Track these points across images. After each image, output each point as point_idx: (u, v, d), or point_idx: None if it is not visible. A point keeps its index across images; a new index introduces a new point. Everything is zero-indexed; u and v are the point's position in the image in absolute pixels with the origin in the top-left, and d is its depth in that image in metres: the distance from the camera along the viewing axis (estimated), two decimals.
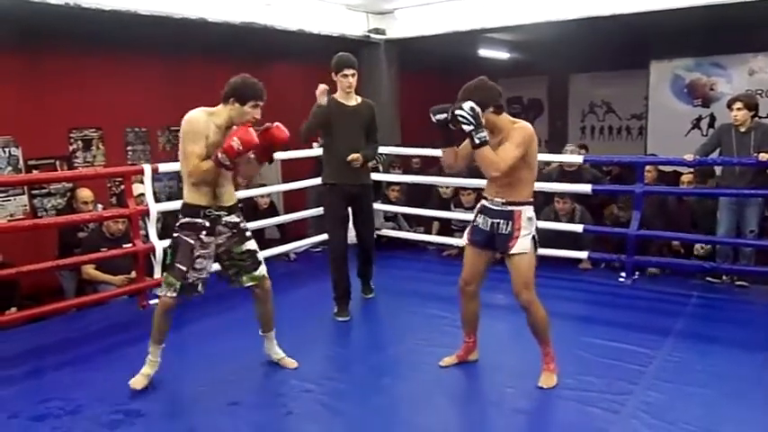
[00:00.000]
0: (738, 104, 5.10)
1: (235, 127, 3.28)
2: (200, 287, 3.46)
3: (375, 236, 5.62)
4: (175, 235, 3.42)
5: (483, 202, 3.49)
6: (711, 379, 3.52)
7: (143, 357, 3.55)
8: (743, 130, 5.09)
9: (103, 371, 3.78)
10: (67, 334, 4.41)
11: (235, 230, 3.50)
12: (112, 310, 4.90)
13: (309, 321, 4.64)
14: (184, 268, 3.36)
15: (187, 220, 3.38)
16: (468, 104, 3.16)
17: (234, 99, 3.30)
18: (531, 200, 3.41)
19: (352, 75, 4.50)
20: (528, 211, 3.36)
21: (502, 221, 3.35)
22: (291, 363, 3.77)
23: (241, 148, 3.17)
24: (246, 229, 3.57)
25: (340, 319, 4.66)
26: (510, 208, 3.34)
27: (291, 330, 4.34)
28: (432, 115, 3.29)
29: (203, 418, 3.21)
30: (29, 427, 3.15)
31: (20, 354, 4.05)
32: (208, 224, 3.38)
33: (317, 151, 5.82)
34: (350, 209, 4.72)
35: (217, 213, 3.40)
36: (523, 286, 3.35)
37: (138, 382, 3.49)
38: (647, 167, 5.98)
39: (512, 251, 3.33)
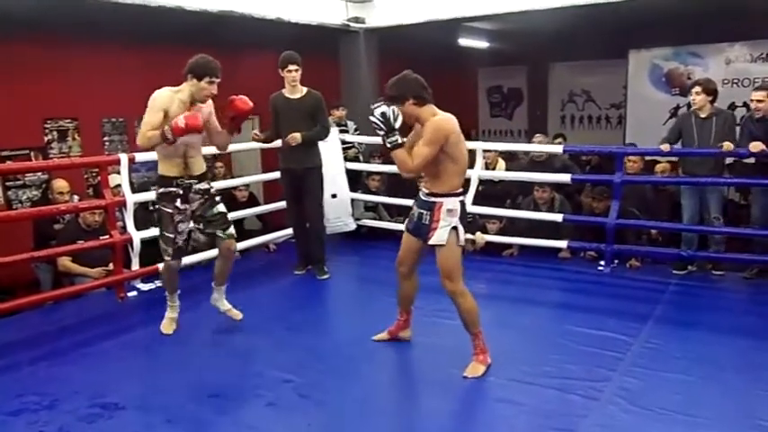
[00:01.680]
0: (697, 89, 5.15)
1: (198, 105, 3.71)
2: (185, 247, 3.99)
3: (356, 225, 6.21)
4: (156, 206, 3.87)
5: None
6: (689, 364, 3.56)
7: (121, 350, 3.52)
8: (703, 116, 5.13)
9: (80, 364, 3.73)
10: (44, 327, 4.35)
11: (206, 196, 3.90)
12: (90, 303, 4.83)
13: (288, 311, 4.63)
14: (172, 235, 3.85)
15: (162, 190, 3.82)
16: (378, 110, 3.30)
17: (192, 75, 3.69)
18: (458, 191, 3.40)
19: (296, 70, 5.05)
20: (450, 203, 3.36)
21: (424, 212, 3.42)
22: (237, 314, 4.15)
23: (184, 127, 3.53)
24: (216, 194, 3.98)
25: (296, 272, 5.45)
26: (432, 199, 3.39)
27: (270, 320, 4.34)
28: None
29: (182, 410, 3.18)
30: (4, 422, 3.09)
31: None
32: (181, 192, 3.81)
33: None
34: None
35: (188, 182, 3.82)
36: (446, 277, 3.41)
37: (166, 326, 4.10)
38: (633, 158, 6.03)
39: (430, 242, 3.40)
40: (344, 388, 3.41)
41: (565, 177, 5.84)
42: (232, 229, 4.00)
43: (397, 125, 3.30)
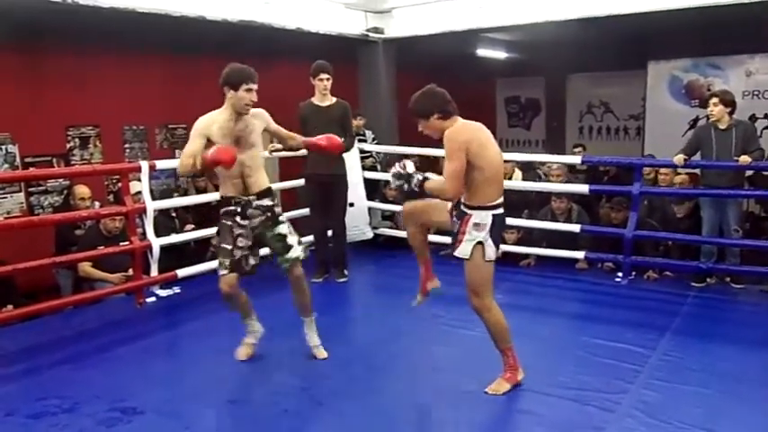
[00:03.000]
0: (714, 100, 5.10)
1: (246, 119, 3.56)
2: (244, 264, 3.66)
3: (373, 234, 6.34)
4: (219, 223, 3.70)
5: None
6: (707, 377, 3.53)
7: (140, 355, 3.55)
8: (722, 127, 5.08)
9: (100, 369, 3.78)
10: (64, 332, 4.40)
11: (268, 213, 3.68)
12: (109, 308, 4.89)
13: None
14: (229, 246, 3.60)
15: (223, 210, 3.67)
16: (392, 170, 3.34)
17: (228, 87, 3.50)
18: (490, 203, 3.26)
19: (327, 79, 5.19)
20: (477, 217, 3.25)
21: (457, 222, 3.34)
22: (321, 353, 3.86)
23: (212, 160, 3.35)
24: (280, 214, 3.74)
25: (314, 280, 5.30)
26: (465, 210, 3.30)
27: (288, 328, 4.35)
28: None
29: (199, 415, 3.21)
30: (26, 424, 3.14)
31: (16, 352, 4.05)
32: (239, 209, 3.62)
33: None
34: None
35: (247, 199, 3.63)
36: (471, 291, 3.33)
37: (242, 352, 3.84)
38: (664, 170, 6.01)
39: (455, 253, 3.33)
40: (361, 396, 3.41)
41: (583, 188, 5.82)
42: (294, 252, 3.70)
43: (411, 170, 3.30)
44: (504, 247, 5.89)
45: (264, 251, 3.90)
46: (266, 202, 3.67)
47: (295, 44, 7.12)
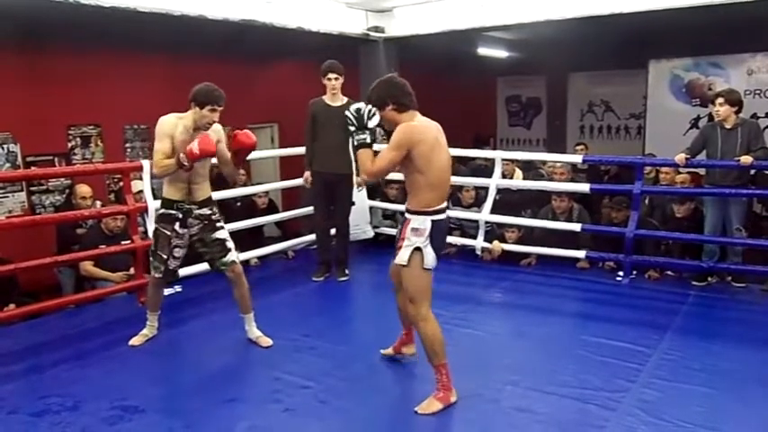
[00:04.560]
0: (720, 100, 5.09)
1: (202, 132, 3.70)
2: (178, 272, 4.09)
3: (374, 233, 6.34)
4: (155, 226, 3.95)
5: None
6: (708, 377, 3.53)
7: (141, 354, 3.56)
8: (728, 126, 5.07)
9: (102, 367, 3.79)
10: (66, 330, 4.41)
11: (206, 222, 3.91)
12: (111, 307, 4.90)
13: (306, 318, 4.66)
14: (165, 256, 3.90)
15: (163, 211, 3.90)
16: (354, 106, 3.17)
17: (194, 103, 3.72)
18: (430, 209, 3.11)
19: (335, 78, 5.18)
20: (416, 222, 3.11)
21: (398, 227, 3.26)
22: (266, 341, 4.03)
23: (198, 153, 3.58)
24: (218, 221, 3.97)
25: (315, 279, 5.48)
26: (406, 215, 3.20)
27: (288, 326, 4.36)
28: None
29: (201, 414, 3.22)
30: (28, 422, 3.15)
31: (18, 350, 4.06)
32: (180, 216, 3.85)
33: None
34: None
35: (188, 207, 3.85)
36: (408, 299, 3.21)
37: (136, 340, 4.08)
38: (666, 169, 6.00)
39: (395, 260, 3.23)
40: (362, 395, 3.43)
41: (584, 187, 5.83)
42: (231, 256, 3.93)
43: (371, 124, 3.13)
44: (505, 247, 5.92)
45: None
46: (206, 211, 3.90)
47: (296, 43, 7.14)
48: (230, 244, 3.97)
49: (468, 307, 4.81)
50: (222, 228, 3.98)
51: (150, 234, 4.96)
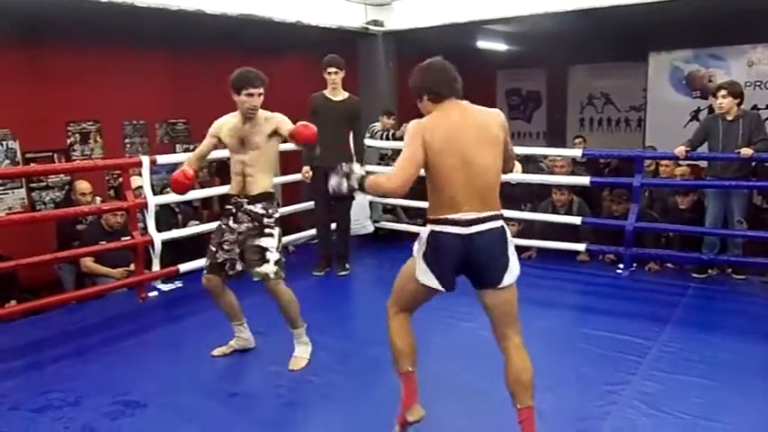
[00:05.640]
0: (723, 92, 5.08)
1: (252, 124, 3.57)
2: (228, 267, 3.62)
3: (374, 228, 6.40)
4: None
5: None
6: (709, 369, 3.54)
7: (142, 349, 3.57)
8: (730, 118, 5.06)
9: (103, 363, 3.80)
10: (67, 327, 4.41)
11: (256, 222, 3.57)
12: (111, 303, 4.90)
13: (307, 312, 4.63)
14: (213, 249, 3.65)
15: (224, 206, 3.75)
16: (332, 181, 2.78)
17: (232, 91, 3.52)
18: (433, 217, 2.62)
19: (335, 72, 5.12)
20: (424, 233, 2.66)
21: None
22: (296, 363, 3.68)
23: (171, 187, 3.76)
24: (268, 225, 3.59)
25: (315, 273, 5.50)
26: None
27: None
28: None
29: (203, 408, 3.22)
30: (30, 418, 3.16)
31: (19, 346, 4.06)
32: (234, 210, 3.61)
33: None
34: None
35: (240, 201, 3.60)
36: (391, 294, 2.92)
37: (217, 350, 3.85)
38: (665, 161, 5.99)
39: None
40: (364, 389, 3.43)
41: (584, 180, 5.83)
42: (266, 268, 3.52)
43: (357, 170, 2.75)
44: None
45: None
46: (258, 208, 3.58)
47: (295, 38, 7.13)
48: (271, 255, 3.55)
49: (468, 300, 4.78)
50: (270, 235, 3.58)
51: (151, 230, 5.01)
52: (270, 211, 3.61)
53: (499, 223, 2.68)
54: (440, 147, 2.55)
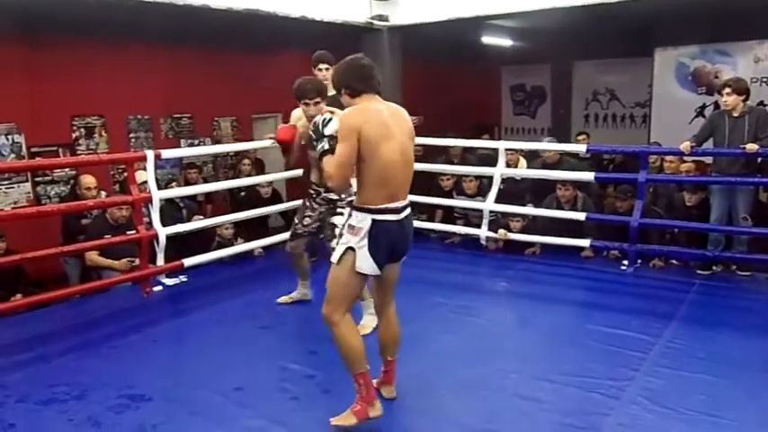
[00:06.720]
0: (727, 89, 5.07)
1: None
2: (306, 236, 4.32)
3: None
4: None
5: None
6: (713, 365, 3.54)
7: (147, 343, 3.57)
8: (736, 114, 5.06)
9: (108, 357, 3.81)
10: (72, 320, 4.44)
11: (330, 205, 4.16)
12: (116, 297, 4.92)
13: (311, 307, 4.66)
14: (296, 221, 4.33)
15: (309, 189, 4.28)
16: (315, 120, 2.94)
17: (297, 99, 4.01)
18: (375, 207, 2.74)
19: (326, 69, 5.00)
20: (355, 218, 2.77)
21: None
22: (362, 329, 3.70)
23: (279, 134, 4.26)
24: (339, 206, 4.08)
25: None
26: (349, 209, 2.92)
27: (294, 315, 4.38)
28: None
29: (207, 403, 3.23)
30: (36, 411, 3.18)
31: (26, 340, 4.08)
32: (314, 195, 4.23)
33: None
34: None
35: (318, 189, 4.19)
36: (325, 299, 2.88)
37: (283, 298, 4.58)
38: (670, 158, 5.99)
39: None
40: None
41: (588, 176, 5.82)
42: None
43: (327, 131, 2.82)
44: (509, 236, 5.91)
45: None
46: (333, 196, 4.11)
47: (299, 33, 7.12)
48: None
49: (472, 296, 4.82)
50: (341, 214, 3.99)
51: (156, 224, 5.03)
52: (342, 195, 4.06)
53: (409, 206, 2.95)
54: (377, 141, 2.70)
